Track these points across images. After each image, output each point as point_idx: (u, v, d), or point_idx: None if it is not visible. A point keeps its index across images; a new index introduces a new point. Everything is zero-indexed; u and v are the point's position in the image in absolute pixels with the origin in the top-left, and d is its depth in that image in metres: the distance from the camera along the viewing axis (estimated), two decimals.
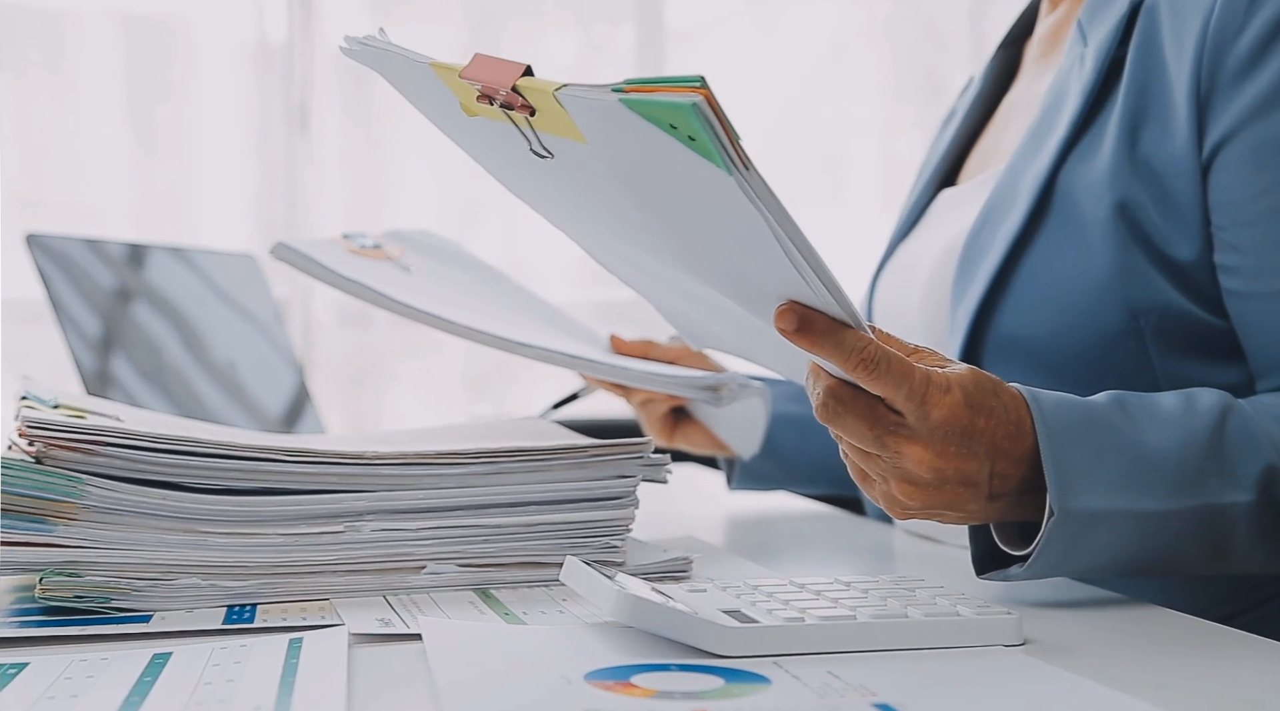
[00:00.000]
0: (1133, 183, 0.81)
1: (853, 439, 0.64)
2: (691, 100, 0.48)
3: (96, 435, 0.65)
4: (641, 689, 0.51)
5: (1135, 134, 0.82)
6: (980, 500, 0.66)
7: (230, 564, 0.67)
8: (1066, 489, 0.65)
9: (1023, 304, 0.83)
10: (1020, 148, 0.88)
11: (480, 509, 0.72)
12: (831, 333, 0.60)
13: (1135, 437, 0.67)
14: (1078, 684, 0.52)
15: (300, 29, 2.37)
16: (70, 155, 2.31)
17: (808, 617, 0.57)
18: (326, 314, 2.37)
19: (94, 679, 0.53)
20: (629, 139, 0.53)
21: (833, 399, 0.63)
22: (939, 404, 0.63)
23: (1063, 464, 0.65)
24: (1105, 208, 0.81)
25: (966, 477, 0.65)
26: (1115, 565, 0.68)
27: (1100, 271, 0.81)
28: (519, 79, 0.56)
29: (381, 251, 1.00)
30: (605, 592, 0.58)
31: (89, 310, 1.20)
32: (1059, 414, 0.66)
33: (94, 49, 2.32)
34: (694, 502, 1.15)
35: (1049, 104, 0.88)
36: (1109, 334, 0.81)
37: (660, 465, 0.75)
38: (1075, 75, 0.87)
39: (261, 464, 0.68)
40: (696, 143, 0.50)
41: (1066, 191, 0.83)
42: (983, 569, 0.70)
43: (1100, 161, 0.82)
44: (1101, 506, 0.65)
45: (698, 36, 2.76)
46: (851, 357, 0.60)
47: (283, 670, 0.53)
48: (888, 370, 0.61)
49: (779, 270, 0.57)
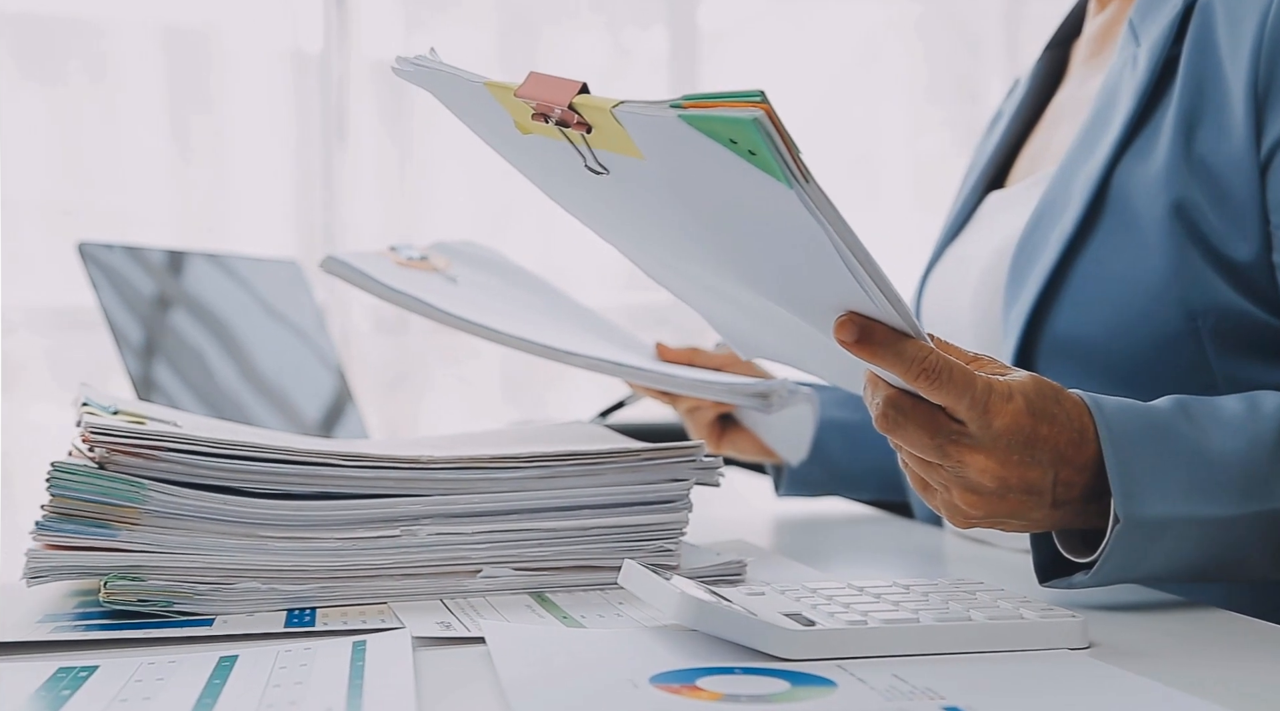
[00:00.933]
0: (1189, 182, 0.80)
1: (913, 448, 0.64)
2: (753, 115, 0.48)
3: (157, 441, 0.66)
4: (707, 692, 0.51)
5: (1191, 133, 0.81)
6: (1044, 508, 0.65)
7: (289, 568, 0.67)
8: (1131, 495, 0.64)
9: (1077, 305, 0.83)
10: (1072, 148, 0.88)
11: (535, 513, 0.72)
12: (892, 343, 0.60)
13: (1199, 443, 0.67)
14: (1147, 687, 0.52)
15: (337, 38, 2.38)
16: (111, 163, 2.33)
17: (870, 620, 0.57)
18: (364, 320, 2.38)
19: (164, 681, 0.53)
20: (687, 154, 0.53)
21: (893, 408, 0.63)
22: (1002, 412, 0.62)
23: (1127, 470, 0.64)
24: (1161, 208, 0.81)
25: (1030, 486, 0.64)
26: (1180, 571, 0.68)
27: (1156, 272, 0.80)
28: (575, 97, 0.56)
29: (428, 263, 1.00)
30: (667, 595, 0.59)
31: (132, 317, 1.21)
32: (1122, 419, 0.66)
33: (135, 59, 2.34)
34: (739, 506, 1.15)
35: (1101, 104, 0.88)
36: (1165, 335, 0.80)
37: (713, 468, 0.75)
38: (1128, 75, 0.86)
39: (319, 468, 0.68)
40: (757, 157, 0.50)
41: (1121, 192, 0.83)
42: (1045, 577, 0.69)
43: (1155, 161, 0.82)
44: (1166, 512, 0.65)
45: (730, 37, 2.76)
46: (913, 368, 0.60)
47: (349, 672, 0.53)
48: (949, 379, 0.61)
49: (838, 281, 0.57)
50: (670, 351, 1.03)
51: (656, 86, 2.66)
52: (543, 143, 0.61)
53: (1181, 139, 0.81)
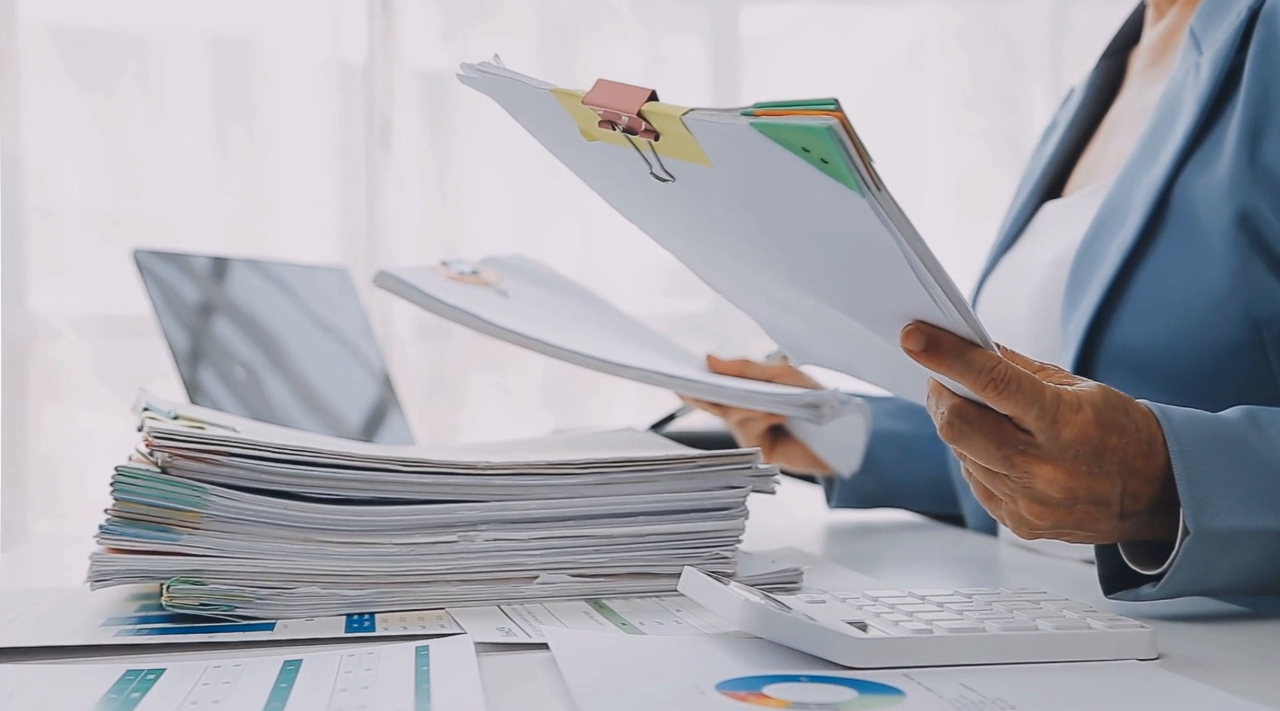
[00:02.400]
0: (1253, 192, 0.79)
1: (979, 458, 0.63)
2: (827, 123, 0.48)
3: (220, 445, 0.66)
4: (775, 700, 0.51)
5: (1256, 142, 0.80)
6: (1111, 519, 0.65)
7: (348, 573, 0.68)
8: (1201, 507, 0.63)
9: (1138, 315, 0.82)
10: (1132, 158, 0.87)
11: (591, 519, 0.72)
12: (960, 352, 0.59)
13: (1270, 454, 0.66)
14: (1218, 698, 0.51)
15: (381, 47, 2.40)
16: (158, 172, 2.35)
17: (935, 629, 0.56)
18: (406, 327, 2.39)
19: (230, 685, 0.54)
20: (757, 161, 0.53)
21: (958, 418, 0.62)
22: (1070, 422, 0.62)
23: (1197, 481, 0.64)
24: (1225, 218, 0.79)
25: (1098, 497, 0.64)
26: (1249, 584, 0.67)
27: (1220, 282, 0.79)
28: (644, 104, 0.56)
29: (479, 277, 1.01)
30: (730, 602, 0.58)
31: (179, 323, 1.22)
32: (1191, 430, 0.65)
33: (181, 69, 2.36)
34: (789, 514, 1.15)
35: (1162, 113, 0.87)
36: (1228, 346, 0.79)
37: (769, 476, 0.75)
38: (1190, 83, 0.85)
39: (378, 474, 0.69)
40: (830, 166, 0.50)
41: (1183, 201, 0.82)
42: (1110, 588, 0.68)
43: (1219, 171, 0.81)
44: (1237, 525, 0.64)
45: (771, 45, 2.76)
46: (981, 377, 0.60)
47: (415, 677, 0.54)
48: (1018, 389, 0.60)
49: (906, 290, 0.57)
50: (721, 363, 1.03)
51: (697, 94, 2.66)
52: (607, 150, 0.61)
53: (1246, 148, 0.80)
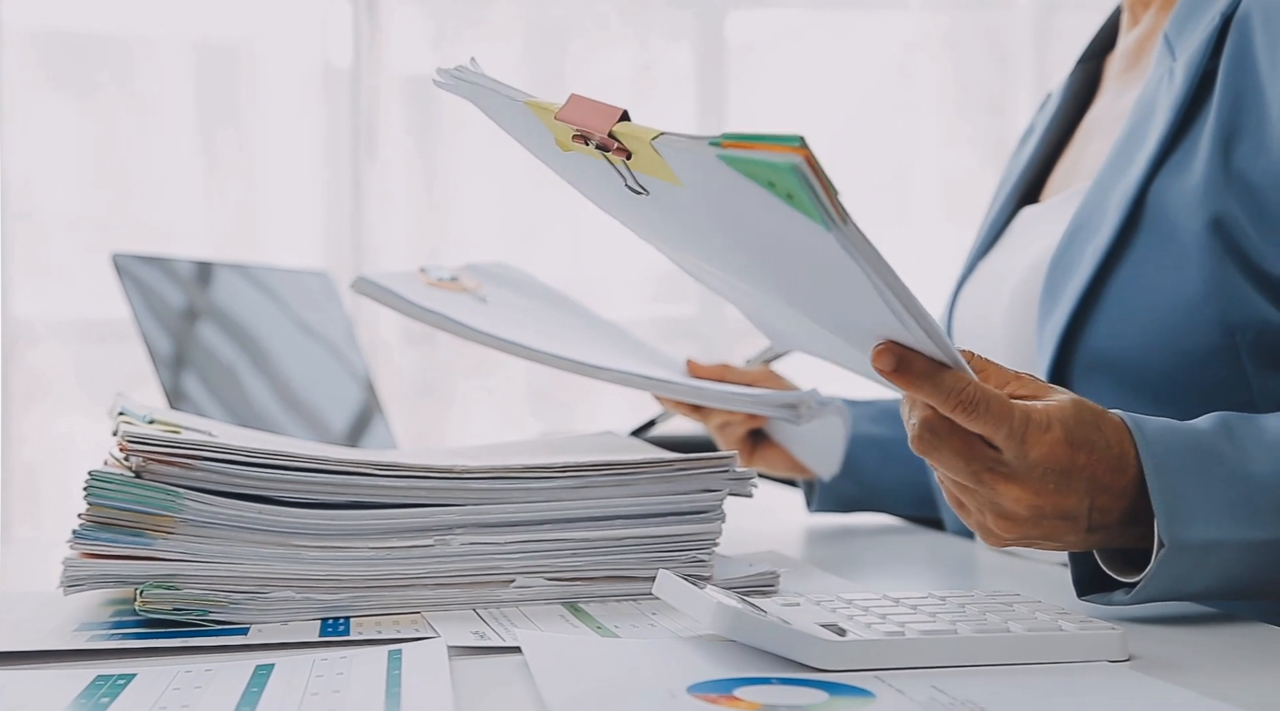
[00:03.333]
0: (1227, 197, 0.79)
1: (949, 473, 0.64)
2: (791, 162, 0.48)
3: (194, 450, 0.66)
4: (746, 702, 0.51)
5: (1229, 148, 0.80)
6: (1079, 532, 0.65)
7: (323, 577, 0.67)
8: (1175, 519, 0.63)
9: (1113, 320, 0.82)
10: (1107, 163, 0.87)
11: (568, 523, 0.72)
12: (929, 374, 0.60)
13: (1242, 464, 0.66)
14: (1188, 699, 0.51)
15: (367, 53, 2.40)
16: (143, 177, 2.35)
17: (908, 631, 0.56)
18: (392, 332, 2.39)
19: (201, 690, 0.53)
20: (725, 189, 0.53)
21: (929, 431, 0.62)
22: (1039, 442, 0.62)
23: (1170, 494, 0.64)
24: (1199, 223, 0.79)
25: (1065, 513, 0.64)
26: (1222, 592, 0.67)
27: (1194, 287, 0.79)
28: (615, 124, 0.57)
29: (458, 284, 1.00)
30: (703, 605, 0.58)
31: (162, 328, 1.21)
32: (1164, 442, 0.65)
33: (166, 74, 2.36)
34: (769, 518, 1.15)
35: (1136, 118, 0.87)
36: (1203, 351, 0.79)
37: (746, 479, 0.75)
38: (1164, 89, 0.85)
39: (354, 478, 0.69)
40: (795, 200, 0.50)
41: (1158, 206, 0.82)
42: (1084, 591, 0.69)
43: (1193, 176, 0.81)
44: (1211, 537, 0.64)
45: (759, 52, 2.76)
46: (950, 399, 0.60)
47: (386, 681, 0.53)
48: (986, 410, 0.61)
49: (876, 313, 0.57)
50: (701, 368, 1.03)
51: (684, 100, 2.66)
52: (583, 160, 0.62)
53: (1220, 153, 0.80)
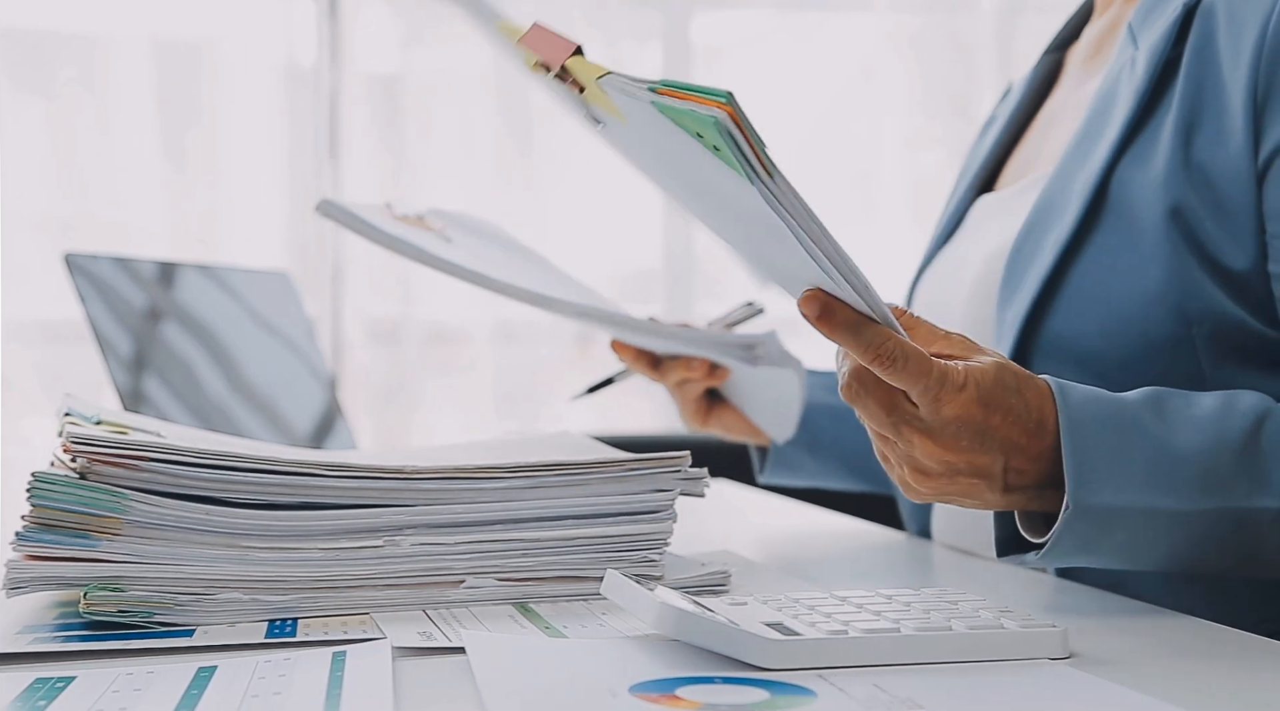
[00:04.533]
0: (1186, 188, 0.79)
1: (871, 422, 0.67)
2: (714, 116, 0.50)
3: (139, 450, 0.66)
4: (686, 701, 0.51)
5: (1189, 138, 0.80)
6: (995, 491, 0.68)
7: (271, 578, 0.67)
8: (1084, 483, 0.66)
9: (1074, 308, 0.82)
10: (1069, 150, 0.87)
11: (518, 523, 0.72)
12: (851, 325, 0.62)
13: (1162, 436, 0.68)
14: (1125, 696, 0.52)
15: (329, 50, 2.39)
16: (104, 177, 2.33)
17: (851, 630, 0.57)
18: (357, 332, 2.38)
19: (140, 692, 0.53)
20: (662, 133, 0.56)
21: (856, 380, 0.65)
22: (951, 401, 0.64)
23: (1081, 457, 0.66)
24: (1158, 213, 0.80)
25: (979, 470, 0.67)
26: (1134, 559, 0.69)
27: (1153, 278, 0.79)
28: (568, 58, 0.59)
29: (424, 222, 1.01)
30: (648, 605, 0.58)
31: (121, 329, 1.21)
32: (1086, 409, 0.67)
33: (127, 72, 2.34)
34: (728, 518, 1.15)
35: (1098, 106, 0.87)
36: (1160, 341, 0.80)
37: (698, 479, 0.75)
38: (1126, 77, 0.85)
39: (302, 478, 0.68)
40: (720, 153, 0.52)
41: (1119, 195, 0.82)
42: (1003, 551, 0.71)
43: (1154, 165, 0.81)
44: (1119, 502, 0.66)
45: (725, 54, 2.77)
46: (869, 351, 0.62)
47: (328, 683, 0.53)
48: (904, 366, 0.63)
49: (807, 265, 0.59)
50: (663, 326, 1.04)
51: None
52: (549, 83, 0.64)
53: (1180, 144, 0.80)
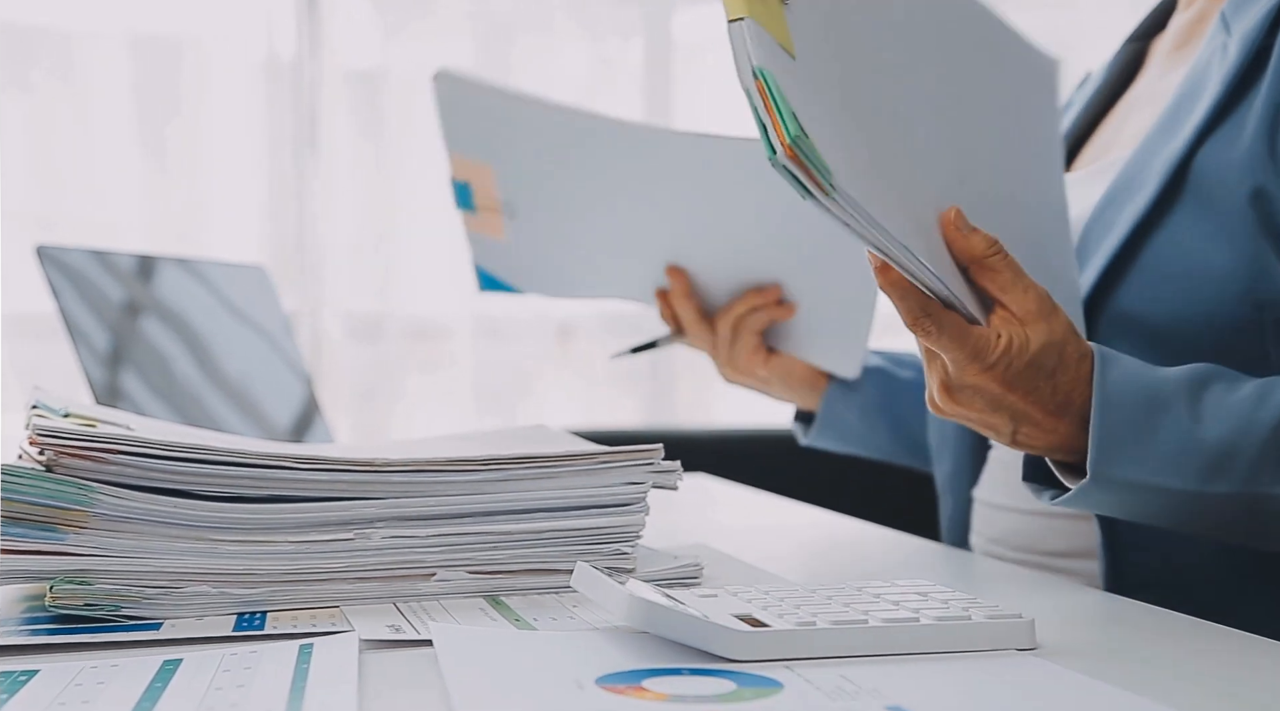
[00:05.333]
0: (1270, 173, 0.79)
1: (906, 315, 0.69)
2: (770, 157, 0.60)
3: (107, 443, 0.65)
4: (653, 693, 0.51)
5: (1277, 125, 0.80)
6: (1005, 439, 0.73)
7: (240, 571, 0.67)
8: (1104, 457, 0.69)
9: (1144, 282, 0.82)
10: (1153, 131, 0.87)
11: (490, 516, 0.71)
12: (900, 284, 0.67)
13: (1189, 425, 0.70)
14: (1089, 686, 0.52)
15: (309, 45, 2.38)
16: (82, 171, 2.32)
17: (819, 621, 0.57)
18: (336, 327, 2.37)
19: (104, 685, 0.53)
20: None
21: (925, 308, 0.69)
22: (976, 374, 0.69)
23: (1107, 435, 0.69)
24: (1240, 195, 0.80)
25: (989, 426, 0.73)
26: (1149, 520, 0.74)
27: (1228, 259, 0.79)
28: None
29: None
30: (616, 597, 0.58)
31: (98, 323, 1.20)
32: (1123, 385, 0.70)
33: (105, 66, 2.33)
34: (706, 512, 1.15)
35: (1186, 90, 0.87)
36: (1228, 322, 0.80)
37: (670, 472, 0.75)
38: (1217, 63, 0.85)
39: (272, 471, 0.68)
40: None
41: (1201, 173, 0.82)
42: (1029, 476, 0.76)
43: (1240, 147, 0.81)
44: (1134, 478, 0.70)
45: (707, 51, 2.76)
46: (909, 316, 0.68)
47: (293, 676, 0.53)
48: (940, 334, 0.68)
49: None
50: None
51: (632, 97, 2.66)
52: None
53: (1267, 129, 0.80)
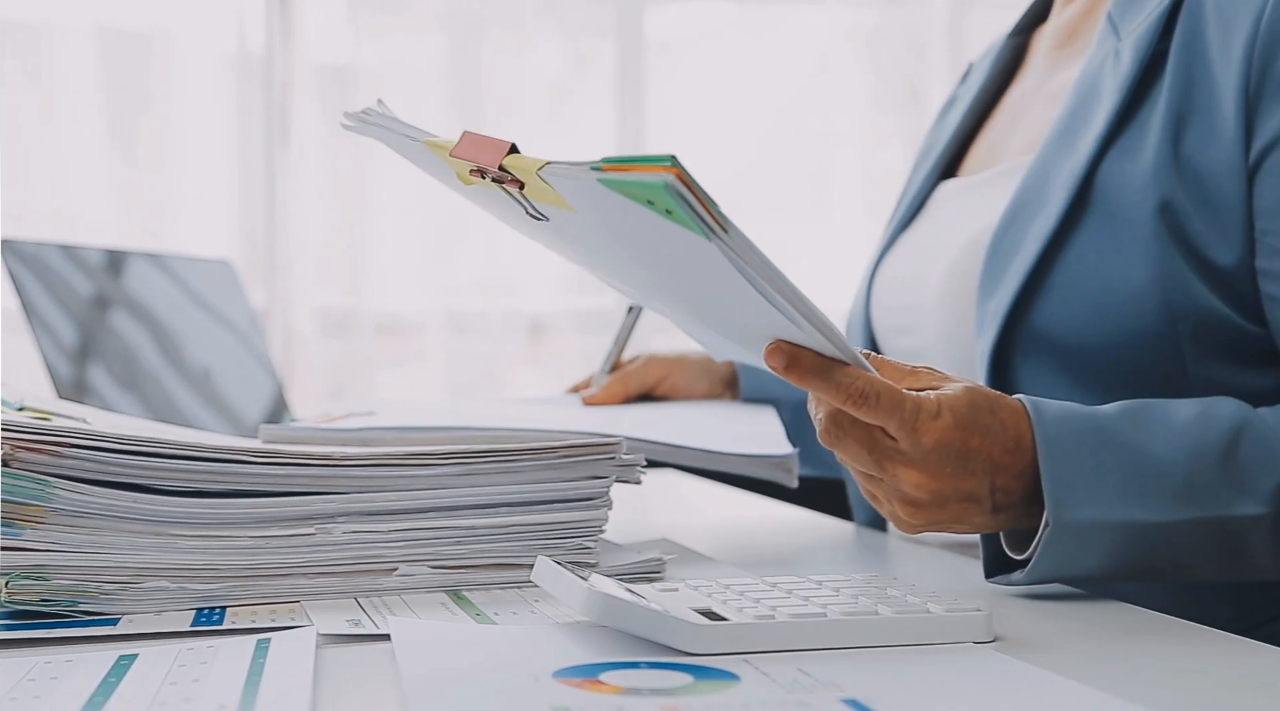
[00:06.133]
0: (1175, 183, 0.78)
1: (854, 463, 0.66)
2: (663, 180, 0.51)
3: (63, 437, 0.65)
4: (610, 685, 0.51)
5: (1179, 133, 0.79)
6: (985, 514, 0.67)
7: (200, 566, 0.66)
8: (1062, 500, 0.65)
9: (1058, 301, 0.81)
10: (1050, 140, 0.86)
11: (452, 510, 0.71)
12: (819, 370, 0.62)
13: (1140, 448, 0.67)
14: (1044, 679, 0.52)
15: (280, 39, 2.36)
16: (51, 166, 2.30)
17: (778, 615, 0.57)
18: (307, 324, 2.36)
19: (58, 681, 0.52)
20: (612, 209, 0.56)
21: (833, 424, 0.65)
22: (929, 430, 0.64)
23: (1060, 475, 0.66)
24: (1147, 208, 0.79)
25: (967, 495, 0.66)
26: (1120, 572, 0.69)
27: (1139, 273, 0.78)
28: (505, 158, 0.59)
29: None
30: (575, 591, 0.58)
31: (65, 317, 1.19)
32: (1061, 425, 0.67)
33: (74, 60, 2.31)
34: (673, 508, 1.15)
35: (1080, 97, 0.85)
36: (1145, 336, 0.79)
37: (633, 466, 0.75)
38: (1110, 69, 0.84)
39: (230, 465, 0.67)
40: (674, 215, 0.53)
41: (1106, 188, 0.81)
42: (991, 573, 0.71)
43: (1143, 159, 0.80)
44: (1098, 517, 0.66)
45: (678, 48, 2.77)
46: (841, 392, 0.62)
47: (249, 670, 0.53)
48: (877, 403, 0.63)
49: (769, 316, 0.59)
50: (596, 398, 1.04)
51: (604, 95, 2.66)
52: (486, 191, 0.64)
53: (1169, 138, 0.79)
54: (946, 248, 0.93)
